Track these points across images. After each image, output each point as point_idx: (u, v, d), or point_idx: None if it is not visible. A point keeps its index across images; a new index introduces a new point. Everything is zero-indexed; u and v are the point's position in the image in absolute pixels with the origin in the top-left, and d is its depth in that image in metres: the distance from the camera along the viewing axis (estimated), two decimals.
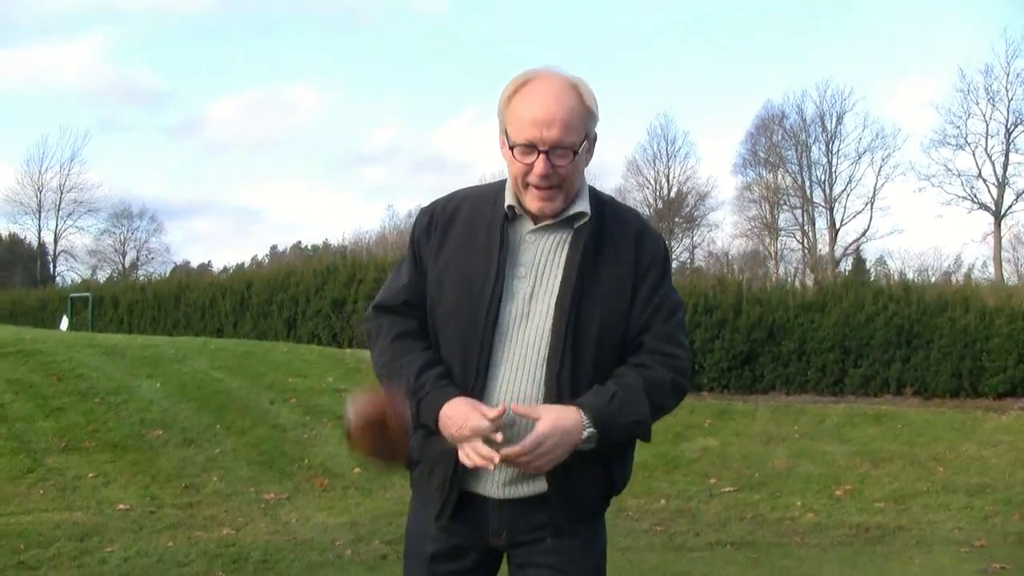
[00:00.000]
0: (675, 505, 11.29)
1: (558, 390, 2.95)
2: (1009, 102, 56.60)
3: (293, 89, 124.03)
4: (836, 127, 64.10)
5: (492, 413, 2.84)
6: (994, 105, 57.00)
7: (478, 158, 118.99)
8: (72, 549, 8.72)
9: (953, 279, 26.96)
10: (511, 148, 3.00)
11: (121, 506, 10.31)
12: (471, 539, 3.11)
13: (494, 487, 3.03)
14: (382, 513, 10.51)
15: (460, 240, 3.11)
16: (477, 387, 2.99)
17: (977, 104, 57.72)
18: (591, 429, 2.87)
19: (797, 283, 23.48)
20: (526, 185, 3.01)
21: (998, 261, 56.81)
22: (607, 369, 3.03)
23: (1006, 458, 13.22)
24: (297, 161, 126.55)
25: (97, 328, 29.28)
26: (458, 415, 2.88)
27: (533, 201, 3.03)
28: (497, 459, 2.81)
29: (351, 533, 9.62)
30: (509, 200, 3.08)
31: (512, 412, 2.84)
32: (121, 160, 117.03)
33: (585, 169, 3.10)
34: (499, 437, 2.83)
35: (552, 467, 2.85)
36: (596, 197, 3.15)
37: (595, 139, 3.11)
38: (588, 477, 3.02)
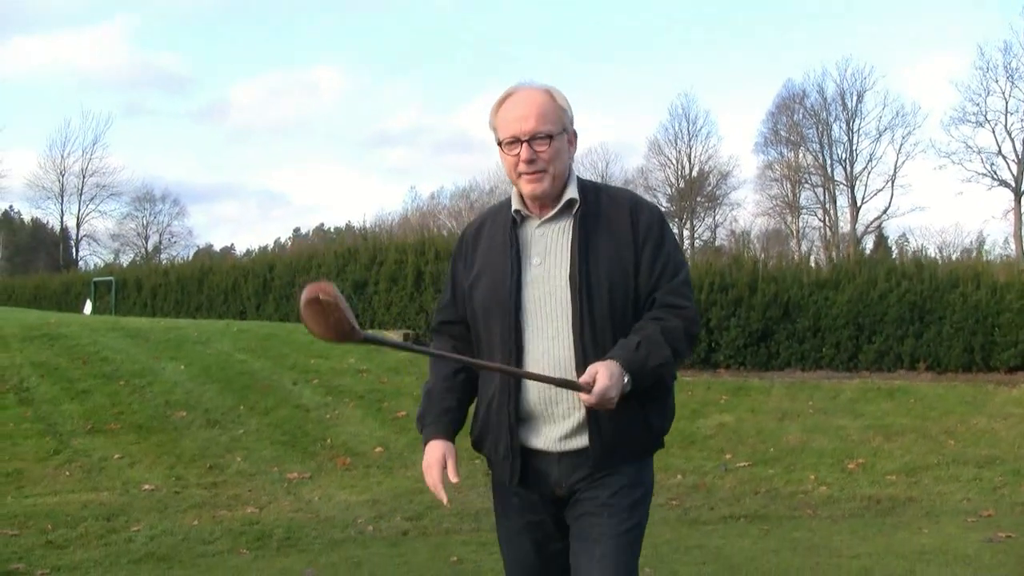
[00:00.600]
0: (691, 480, 11.51)
1: (583, 350, 3.37)
2: None
3: (316, 71, 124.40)
4: (857, 105, 64.03)
5: (443, 495, 3.49)
6: (1013, 83, 56.76)
7: None
8: (99, 528, 8.97)
9: (983, 254, 26.94)
10: (504, 150, 3.48)
11: (146, 486, 10.57)
12: (541, 492, 3.55)
13: (550, 443, 3.47)
14: (403, 491, 10.77)
15: (485, 250, 3.63)
16: (516, 361, 3.44)
17: (996, 81, 57.52)
18: (627, 375, 3.25)
19: (812, 261, 23.53)
20: (519, 175, 3.47)
21: (1019, 237, 56.58)
22: (624, 328, 3.41)
23: (1016, 430, 13.37)
24: (320, 143, 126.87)
25: (120, 312, 29.47)
26: (427, 463, 3.56)
27: (526, 186, 3.48)
28: (444, 500, 3.48)
29: (372, 511, 9.87)
30: (515, 205, 3.56)
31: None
32: (144, 145, 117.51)
33: (575, 155, 3.63)
34: (442, 498, 3.48)
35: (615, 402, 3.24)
36: (586, 185, 3.58)
37: (575, 135, 3.59)
38: (627, 429, 3.42)
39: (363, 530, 9.17)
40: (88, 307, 32.42)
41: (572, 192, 3.51)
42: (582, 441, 3.42)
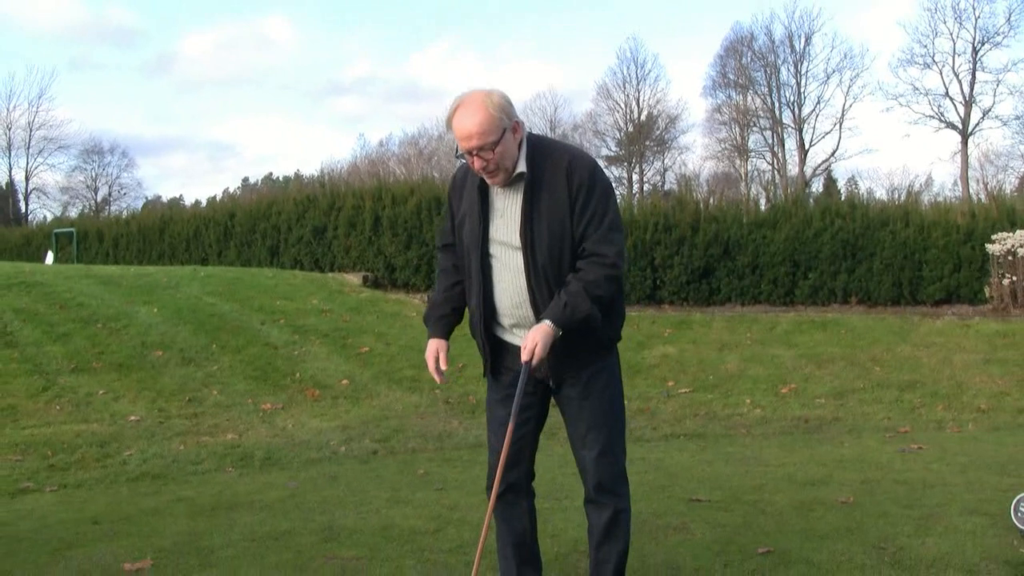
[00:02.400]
0: (636, 405, 12.39)
1: (532, 285, 4.41)
2: (976, 20, 57.06)
3: (268, 22, 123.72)
4: (805, 48, 64.41)
5: (437, 377, 4.62)
6: (961, 24, 57.45)
7: (453, 86, 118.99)
8: (95, 453, 9.76)
9: (924, 198, 27.70)
10: (457, 155, 4.43)
11: (132, 418, 11.29)
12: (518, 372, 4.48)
13: (521, 340, 4.44)
14: (370, 418, 11.60)
15: (467, 197, 4.59)
16: (488, 289, 4.54)
17: (944, 23, 58.25)
18: (559, 330, 4.31)
19: (762, 203, 24.30)
20: (479, 174, 4.42)
21: (965, 179, 57.19)
22: (563, 267, 4.39)
23: (936, 357, 14.31)
24: (271, 95, 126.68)
25: (83, 262, 29.70)
26: (427, 354, 4.67)
27: (487, 179, 4.44)
28: (439, 381, 4.66)
29: (343, 435, 10.70)
30: None
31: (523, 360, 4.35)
32: (93, 98, 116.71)
33: (522, 130, 4.47)
34: (438, 380, 4.65)
35: (547, 352, 4.31)
36: (534, 151, 4.46)
37: (517, 124, 4.41)
38: (577, 346, 4.47)
39: (336, 451, 10.01)
40: (50, 258, 32.63)
41: (522, 167, 4.39)
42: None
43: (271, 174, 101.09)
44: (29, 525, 7.07)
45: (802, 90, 64.91)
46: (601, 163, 4.80)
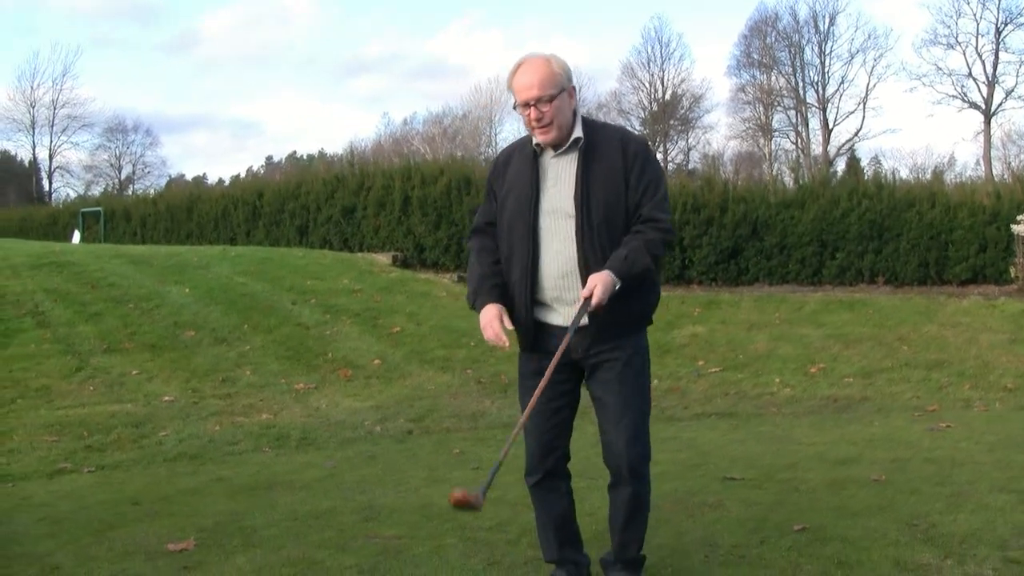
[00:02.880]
0: (666, 384, 12.50)
1: (583, 251, 4.49)
2: (999, 1, 56.83)
3: None
4: (829, 28, 64.30)
5: (502, 340, 4.53)
6: (984, 4, 57.23)
7: (476, 63, 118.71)
8: (130, 434, 9.90)
9: (947, 177, 27.74)
10: (519, 110, 4.57)
11: (166, 398, 11.46)
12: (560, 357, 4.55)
13: (565, 319, 4.58)
14: (403, 397, 11.72)
15: (513, 174, 4.71)
16: (534, 256, 4.60)
17: (968, 3, 58.06)
18: (618, 281, 4.39)
19: (785, 182, 24.37)
20: (533, 129, 4.55)
21: (988, 159, 57.06)
22: (616, 233, 4.52)
23: (963, 337, 14.37)
24: (294, 72, 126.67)
25: (111, 241, 29.75)
26: (486, 321, 4.55)
27: (538, 136, 4.57)
28: (507, 344, 4.52)
29: (377, 414, 10.82)
30: (536, 141, 4.62)
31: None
32: (116, 76, 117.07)
33: (576, 99, 4.68)
34: (505, 343, 4.53)
35: (606, 301, 4.38)
36: (588, 124, 4.65)
37: (573, 89, 4.65)
38: (618, 313, 4.53)
39: (371, 431, 10.12)
40: (76, 237, 32.67)
41: (578, 132, 4.57)
42: (586, 319, 4.50)
43: (295, 152, 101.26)
44: (69, 506, 7.18)
45: (826, 70, 64.82)
46: (632, 130, 4.97)
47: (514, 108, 4.64)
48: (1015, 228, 16.98)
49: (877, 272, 18.47)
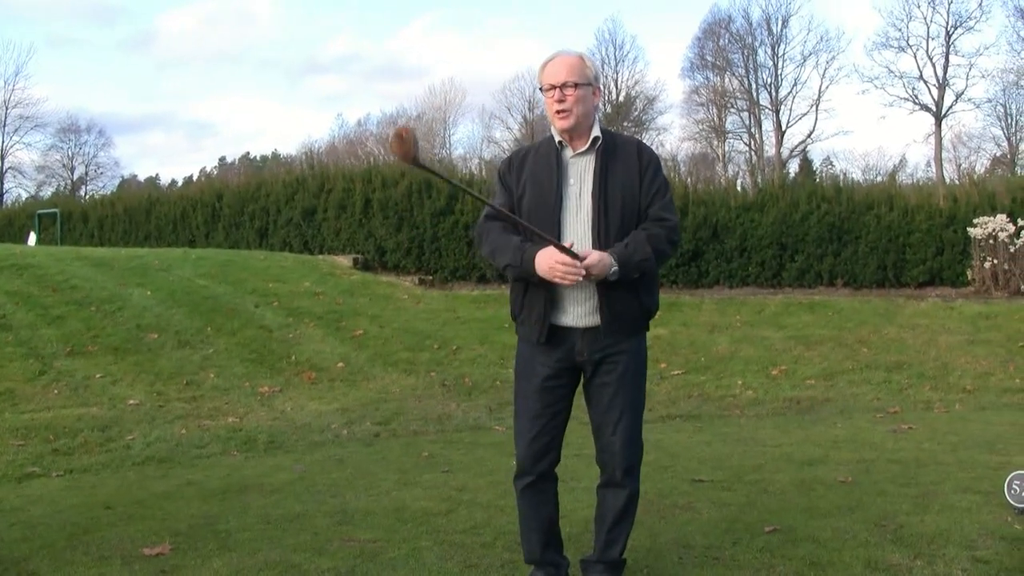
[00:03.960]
0: None
1: (597, 240, 4.63)
2: (949, 4, 57.12)
3: None
4: (782, 30, 64.48)
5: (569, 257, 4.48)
6: (934, 8, 57.62)
7: (434, 65, 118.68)
8: (97, 437, 9.86)
9: (898, 178, 28.07)
10: (543, 92, 4.78)
11: (131, 401, 11.40)
12: (563, 359, 4.77)
13: (575, 319, 4.71)
14: (368, 400, 11.74)
15: (532, 168, 4.82)
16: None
17: (919, 7, 58.66)
18: (615, 264, 4.52)
19: (739, 185, 24.55)
20: (554, 114, 4.71)
21: (939, 161, 57.67)
22: (628, 229, 4.68)
23: (922, 339, 14.54)
24: (251, 73, 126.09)
25: (68, 243, 29.58)
26: (548, 256, 4.51)
27: (558, 122, 4.73)
28: (582, 272, 4.46)
29: (343, 418, 10.84)
30: (557, 138, 4.80)
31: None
32: (70, 75, 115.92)
33: (599, 102, 4.92)
34: (577, 264, 4.47)
35: (596, 280, 4.55)
36: (605, 129, 4.84)
37: (599, 89, 4.88)
38: (626, 308, 4.70)
39: (338, 434, 10.14)
40: (32, 239, 32.39)
41: (596, 131, 4.76)
42: (596, 320, 4.66)
43: (248, 153, 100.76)
44: (41, 510, 7.15)
45: (779, 72, 65.02)
46: (644, 143, 5.09)
47: (540, 90, 4.84)
48: (972, 231, 17.22)
49: (836, 275, 18.66)
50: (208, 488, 7.75)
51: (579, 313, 4.70)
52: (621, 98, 70.20)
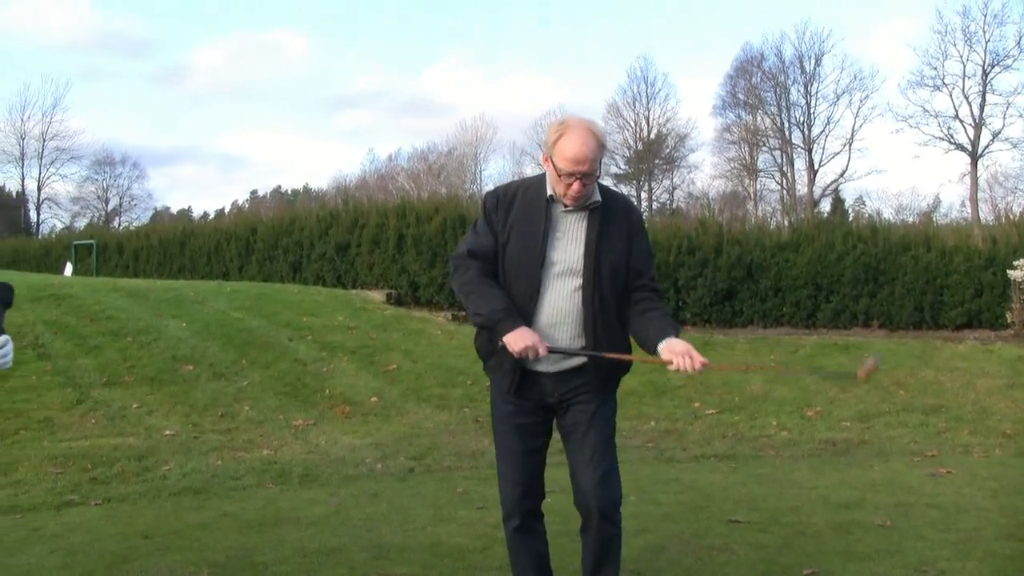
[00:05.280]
0: (663, 426, 12.53)
1: (592, 306, 4.63)
2: (986, 43, 57.05)
3: (278, 34, 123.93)
4: (815, 69, 64.61)
5: (542, 347, 4.53)
6: (971, 46, 57.48)
7: (462, 101, 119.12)
8: (134, 467, 9.91)
9: (933, 219, 28.01)
10: (558, 173, 4.59)
11: (167, 432, 11.45)
12: (535, 400, 4.77)
13: (547, 366, 4.68)
14: (402, 435, 11.73)
15: (519, 214, 4.74)
16: (532, 304, 4.65)
17: (954, 45, 58.33)
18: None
19: (773, 224, 24.53)
20: (565, 194, 4.64)
21: (974, 201, 57.16)
22: (619, 293, 4.71)
23: (960, 382, 14.39)
24: (281, 106, 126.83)
25: (103, 274, 29.77)
26: (521, 337, 4.50)
27: (569, 201, 4.66)
28: (543, 351, 4.52)
29: (377, 452, 10.83)
30: (549, 191, 4.71)
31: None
32: (104, 108, 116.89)
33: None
34: (543, 351, 4.54)
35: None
36: (601, 189, 4.77)
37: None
38: (614, 364, 4.72)
39: (372, 468, 10.15)
40: (68, 269, 32.68)
41: (596, 196, 4.71)
42: (573, 363, 4.68)
43: (279, 187, 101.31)
44: (81, 538, 7.21)
45: (812, 111, 65.06)
46: (610, 181, 5.20)
47: (547, 163, 4.71)
48: (1011, 273, 17.08)
49: (872, 316, 18.53)
50: (244, 520, 7.78)
51: (552, 359, 4.70)
52: (652, 135, 70.39)
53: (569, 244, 4.68)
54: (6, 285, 4.24)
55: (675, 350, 4.49)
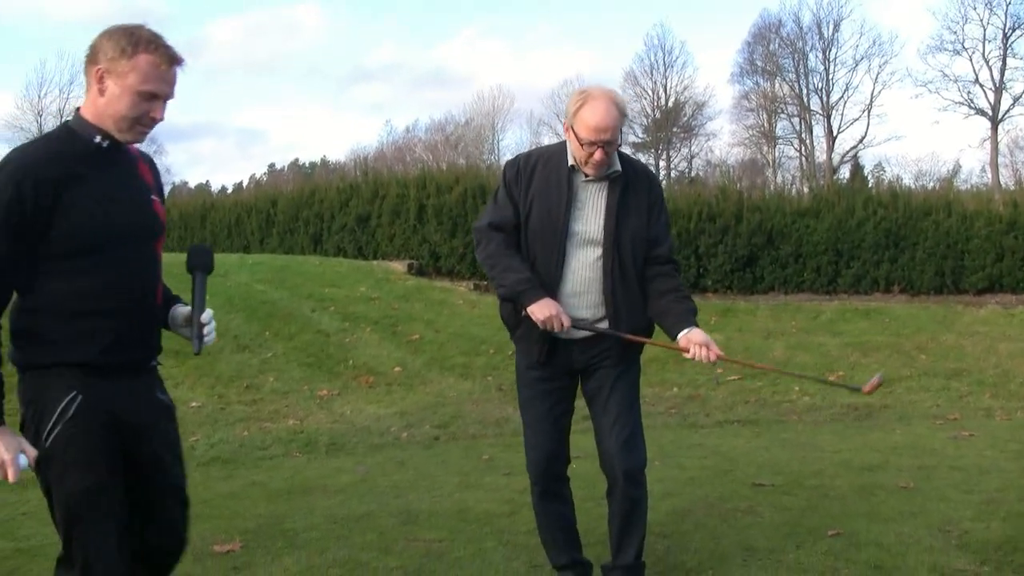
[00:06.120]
0: (686, 392, 12.60)
1: (611, 275, 4.73)
2: (1007, 6, 56.00)
3: (296, 8, 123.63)
4: (833, 34, 63.77)
5: (564, 318, 4.65)
6: (991, 10, 56.54)
7: (480, 72, 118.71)
8: None
9: (953, 184, 27.92)
10: (579, 142, 4.62)
11: (193, 403, 11.53)
12: (561, 367, 4.87)
13: (576, 335, 4.77)
14: (426, 404, 11.82)
15: (540, 185, 4.79)
16: (556, 275, 4.74)
17: (975, 9, 57.63)
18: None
19: (794, 191, 24.48)
20: (586, 163, 4.68)
21: (995, 166, 56.51)
22: (638, 262, 4.78)
23: (981, 346, 14.47)
24: (299, 81, 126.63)
25: None
26: (546, 307, 4.61)
27: (590, 170, 4.71)
28: (568, 324, 4.64)
29: (402, 421, 10.94)
30: (571, 161, 4.76)
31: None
32: None
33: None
34: (567, 323, 4.65)
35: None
36: (621, 158, 4.83)
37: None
38: (637, 328, 4.82)
39: (398, 436, 10.24)
40: None
41: (617, 166, 4.77)
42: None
43: (297, 160, 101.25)
44: None
45: (830, 77, 64.25)
46: (628, 150, 5.23)
47: (568, 132, 4.74)
48: None
49: (893, 281, 18.50)
50: (273, 488, 7.87)
51: (574, 332, 4.79)
52: (670, 104, 69.77)
53: (591, 214, 4.75)
54: (204, 248, 4.12)
55: (694, 339, 4.63)
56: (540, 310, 4.59)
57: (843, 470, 8.08)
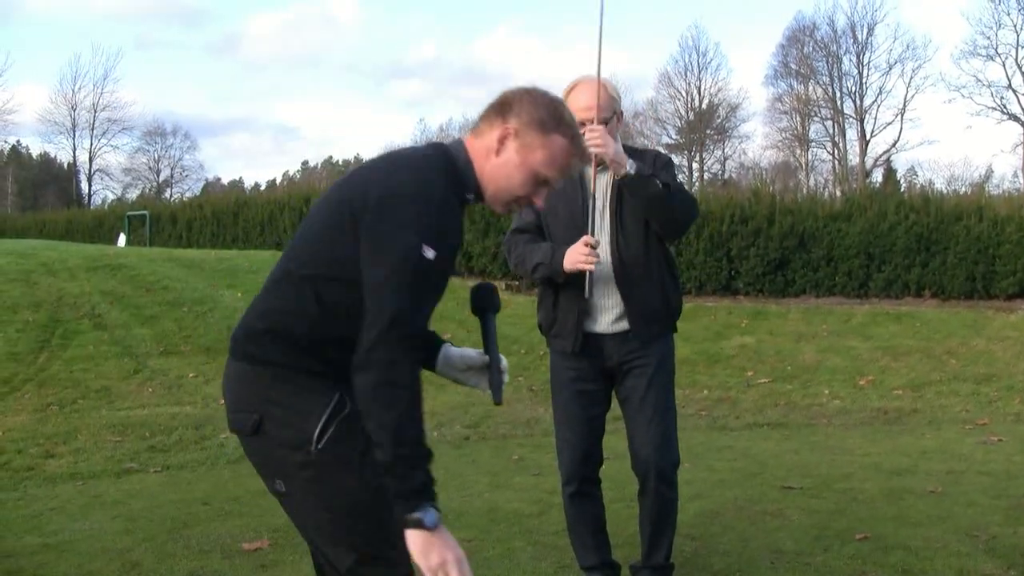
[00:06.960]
0: (716, 395, 12.60)
1: (620, 260, 4.75)
2: None
3: (333, 3, 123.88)
4: (867, 38, 63.61)
5: (590, 241, 4.63)
6: None
7: (516, 70, 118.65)
8: (192, 435, 10.08)
9: (985, 189, 27.79)
10: None
11: (223, 401, 11.58)
12: (594, 366, 4.86)
13: (605, 327, 4.80)
14: (457, 404, 11.84)
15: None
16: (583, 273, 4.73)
17: (1008, 15, 57.37)
18: (633, 168, 4.60)
19: (826, 194, 24.47)
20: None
21: None
22: (649, 244, 4.79)
23: (1011, 351, 14.41)
24: (334, 77, 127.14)
25: (156, 245, 29.92)
26: (577, 247, 4.62)
27: (588, 156, 4.60)
28: (594, 241, 4.64)
29: (433, 420, 10.91)
30: None
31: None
32: (157, 78, 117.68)
33: (621, 124, 4.99)
34: (594, 241, 4.65)
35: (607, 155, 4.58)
36: (627, 149, 4.78)
37: (621, 114, 4.98)
38: (652, 306, 4.82)
39: (428, 435, 10.25)
40: (122, 240, 32.82)
41: (627, 168, 4.68)
42: (624, 326, 4.77)
43: (331, 157, 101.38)
44: (141, 504, 7.37)
45: (864, 80, 64.08)
46: (661, 150, 5.19)
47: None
48: None
49: (924, 285, 18.45)
50: None
51: (608, 320, 4.81)
52: (704, 105, 69.70)
53: (605, 203, 4.81)
54: (489, 287, 3.70)
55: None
56: (569, 256, 4.65)
57: (872, 474, 8.07)
